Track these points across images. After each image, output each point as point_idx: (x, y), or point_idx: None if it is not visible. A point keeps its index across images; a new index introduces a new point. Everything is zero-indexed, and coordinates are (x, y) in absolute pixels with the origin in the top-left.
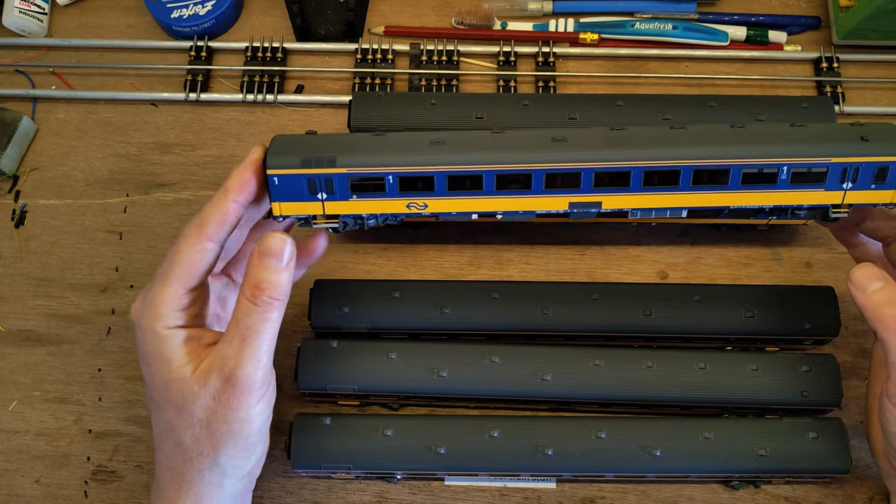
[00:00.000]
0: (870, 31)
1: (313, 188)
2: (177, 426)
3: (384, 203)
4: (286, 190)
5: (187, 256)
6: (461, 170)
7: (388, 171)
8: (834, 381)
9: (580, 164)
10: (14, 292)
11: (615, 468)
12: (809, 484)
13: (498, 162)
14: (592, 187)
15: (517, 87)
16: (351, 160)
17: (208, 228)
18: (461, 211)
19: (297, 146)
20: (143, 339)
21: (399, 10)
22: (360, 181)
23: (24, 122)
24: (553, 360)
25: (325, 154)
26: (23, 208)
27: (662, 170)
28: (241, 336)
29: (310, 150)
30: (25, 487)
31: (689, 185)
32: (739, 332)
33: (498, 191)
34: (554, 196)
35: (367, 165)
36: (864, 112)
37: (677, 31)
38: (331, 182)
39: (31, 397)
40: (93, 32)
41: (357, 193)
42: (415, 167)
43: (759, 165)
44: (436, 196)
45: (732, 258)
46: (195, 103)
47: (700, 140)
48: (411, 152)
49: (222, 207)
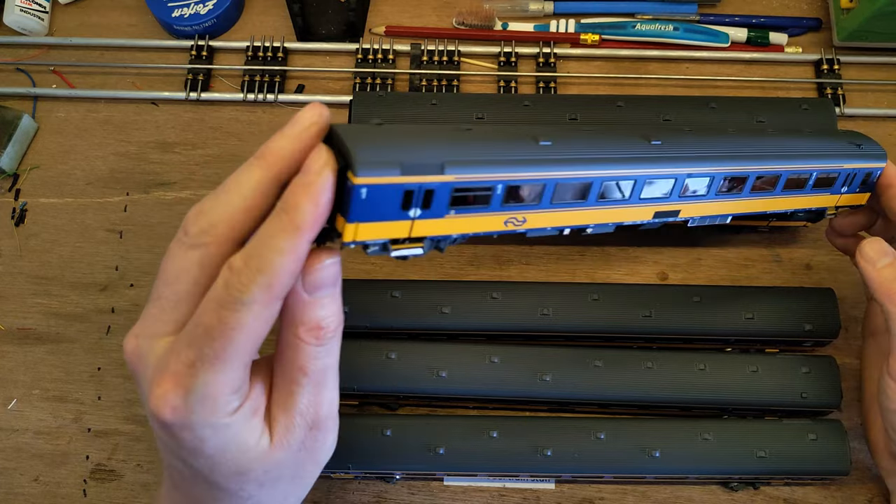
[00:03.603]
0: (871, 33)
1: (408, 202)
2: (254, 494)
3: (483, 219)
4: (372, 206)
5: (254, 330)
6: (580, 176)
7: (498, 179)
8: (833, 382)
9: (707, 169)
10: (14, 291)
11: (614, 469)
12: (808, 485)
13: (615, 167)
14: (680, 196)
15: (518, 88)
16: (461, 165)
17: (280, 288)
18: (557, 226)
19: (380, 144)
20: (198, 439)
21: (400, 11)
22: (463, 192)
23: (25, 120)
24: (553, 360)
25: (428, 157)
26: (23, 207)
27: (738, 176)
28: (314, 383)
29: (401, 150)
30: (24, 486)
31: (750, 192)
32: (739, 334)
33: (599, 201)
34: (644, 206)
35: (478, 171)
36: (865, 114)
37: (678, 33)
38: (430, 194)
39: (31, 396)
40: (94, 31)
41: (456, 208)
42: (531, 174)
43: (800, 172)
44: (539, 209)
45: (732, 259)
46: (196, 102)
47: (756, 145)
48: (525, 154)
49: (296, 254)
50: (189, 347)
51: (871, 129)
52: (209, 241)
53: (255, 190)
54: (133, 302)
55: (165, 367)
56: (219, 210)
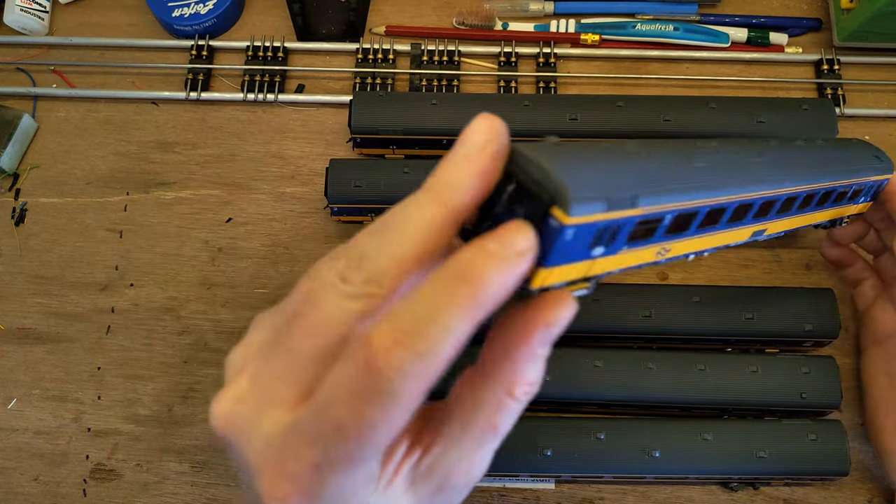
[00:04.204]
0: (871, 34)
1: (598, 240)
2: None
3: (642, 252)
4: (571, 248)
5: (399, 423)
6: (729, 201)
7: (670, 209)
8: (833, 382)
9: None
10: (14, 290)
11: (614, 469)
12: (808, 486)
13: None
14: (776, 214)
15: (518, 88)
16: (652, 196)
17: (436, 375)
18: (687, 252)
19: (582, 173)
20: None
21: (400, 11)
22: (643, 225)
23: (25, 119)
24: (552, 360)
25: (623, 188)
26: (23, 206)
27: (814, 193)
28: (476, 439)
29: (603, 181)
30: (24, 485)
31: (796, 209)
32: (739, 334)
33: (729, 224)
34: (750, 226)
35: (661, 201)
36: (865, 114)
37: (678, 33)
38: (618, 230)
39: (30, 395)
40: (94, 31)
41: (631, 242)
42: (697, 201)
43: (850, 186)
44: (684, 237)
45: (732, 260)
46: (196, 102)
47: (819, 160)
48: (690, 180)
49: (467, 336)
50: (312, 447)
51: (871, 130)
52: (375, 293)
53: (429, 232)
54: (133, 301)
55: (282, 464)
56: (387, 255)
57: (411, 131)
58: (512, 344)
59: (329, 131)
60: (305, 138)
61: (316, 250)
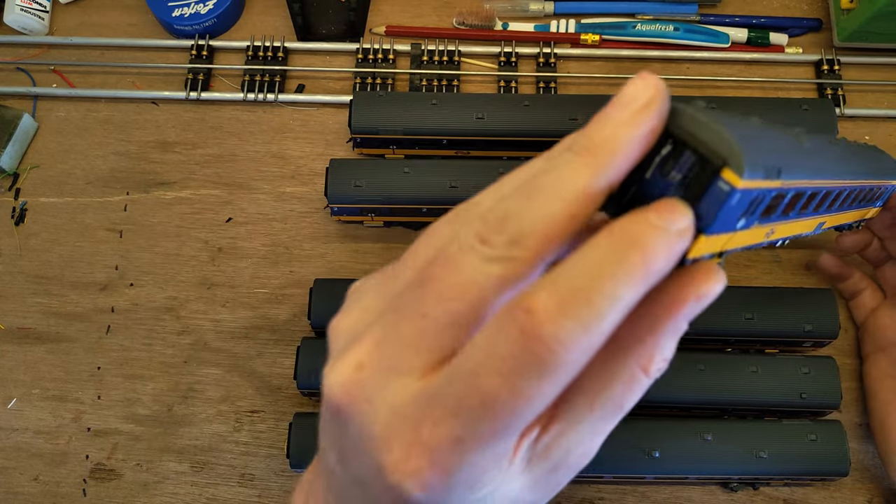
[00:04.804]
0: (871, 34)
1: (748, 210)
2: None
3: (757, 231)
4: (732, 215)
5: (550, 397)
6: (835, 185)
7: (799, 186)
8: (833, 383)
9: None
10: (13, 290)
11: (614, 469)
12: (808, 486)
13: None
14: (838, 207)
15: (518, 88)
16: (794, 171)
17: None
18: (784, 237)
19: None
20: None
21: (400, 11)
22: (775, 200)
23: (25, 119)
24: None
25: (769, 158)
26: (23, 206)
27: (862, 189)
28: (601, 418)
29: (767, 147)
30: (24, 485)
31: (847, 204)
32: (739, 334)
33: (815, 211)
34: (819, 216)
35: (801, 178)
36: (865, 115)
37: (678, 33)
38: (760, 202)
39: (30, 395)
40: (94, 31)
41: (763, 218)
42: (815, 181)
43: (873, 186)
44: (788, 219)
45: (732, 260)
46: (196, 102)
47: (858, 156)
48: (809, 159)
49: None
50: (455, 418)
51: (871, 130)
52: (519, 256)
53: (581, 196)
54: (133, 301)
55: (415, 433)
56: (532, 216)
57: (411, 131)
58: (657, 316)
59: (329, 131)
60: (305, 138)
61: (316, 250)
